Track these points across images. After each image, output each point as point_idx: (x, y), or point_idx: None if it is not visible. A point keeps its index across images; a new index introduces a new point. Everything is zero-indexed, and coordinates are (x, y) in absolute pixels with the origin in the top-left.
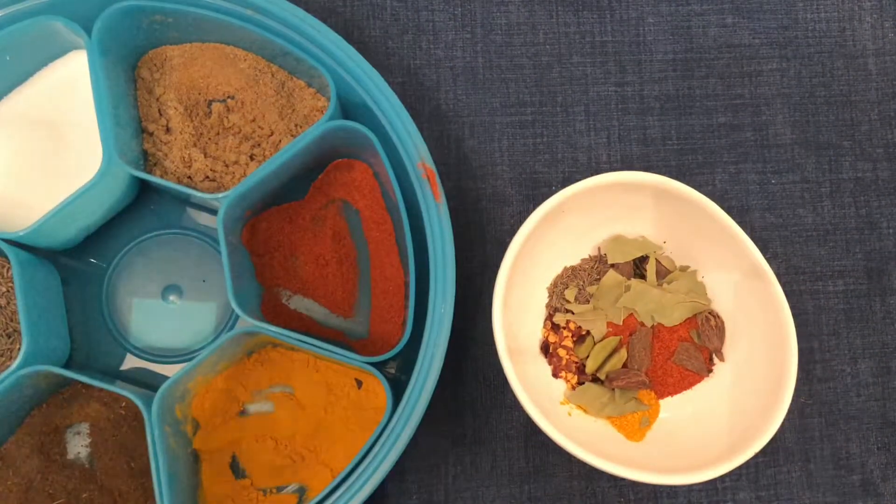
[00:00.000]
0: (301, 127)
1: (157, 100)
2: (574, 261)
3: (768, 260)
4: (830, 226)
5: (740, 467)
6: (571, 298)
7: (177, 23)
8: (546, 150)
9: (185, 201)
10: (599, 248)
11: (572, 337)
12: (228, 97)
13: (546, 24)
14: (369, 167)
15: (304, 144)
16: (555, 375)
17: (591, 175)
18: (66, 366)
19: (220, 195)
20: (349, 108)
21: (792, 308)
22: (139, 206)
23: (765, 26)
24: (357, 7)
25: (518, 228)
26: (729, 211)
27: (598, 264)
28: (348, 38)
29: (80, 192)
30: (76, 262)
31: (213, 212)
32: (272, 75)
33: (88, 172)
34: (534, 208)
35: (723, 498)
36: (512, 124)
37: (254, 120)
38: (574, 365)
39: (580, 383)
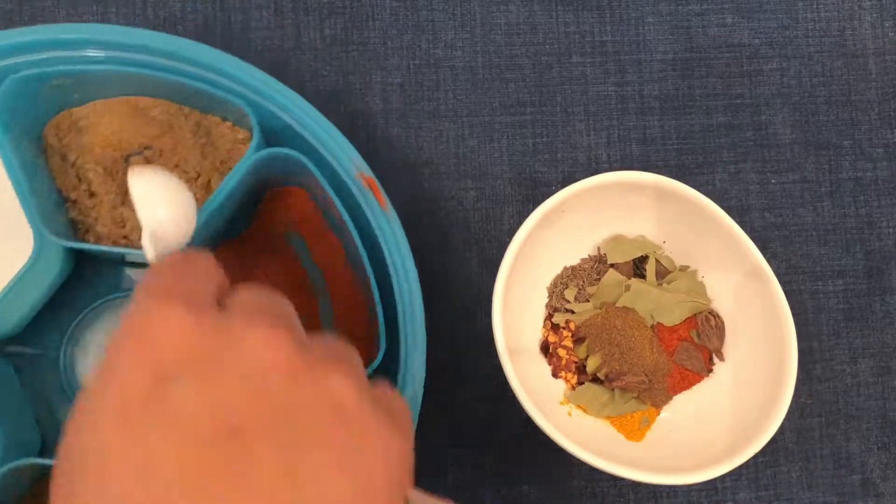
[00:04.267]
0: (226, 163)
1: (73, 165)
2: (574, 261)
3: (768, 260)
4: (830, 226)
5: (740, 467)
6: (571, 298)
7: (77, 84)
8: (546, 150)
9: (123, 263)
10: (599, 248)
11: (572, 337)
12: (145, 148)
13: (546, 23)
14: (305, 190)
15: (236, 181)
16: (555, 375)
17: (591, 175)
18: (41, 454)
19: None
20: (271, 133)
21: (792, 308)
22: (78, 278)
23: (765, 26)
24: (357, 7)
25: (518, 228)
26: (729, 211)
27: (598, 264)
28: (347, 39)
29: (17, 278)
30: (24, 348)
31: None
32: (185, 117)
33: (16, 256)
34: (534, 208)
35: (723, 498)
36: (512, 124)
37: (177, 165)
38: (574, 365)
39: (580, 383)
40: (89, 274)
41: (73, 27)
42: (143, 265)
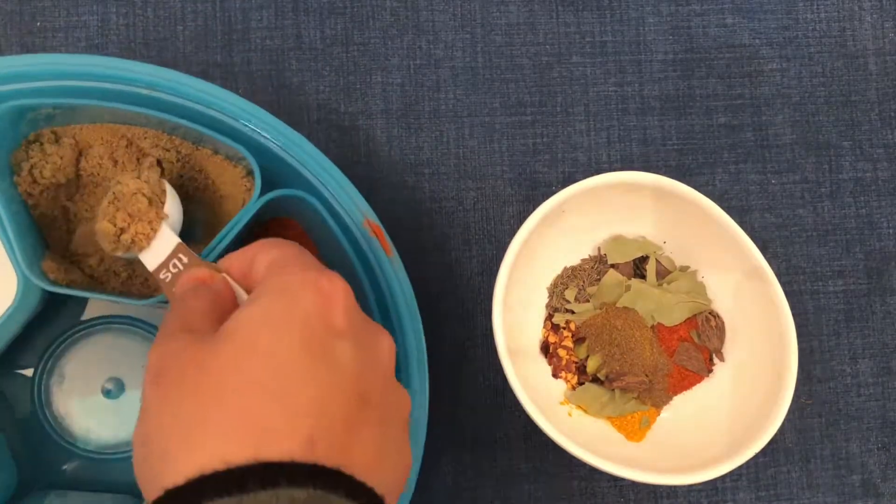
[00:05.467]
0: (223, 199)
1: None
2: (574, 261)
3: (768, 260)
4: (830, 226)
5: (740, 467)
6: (571, 298)
7: (63, 114)
8: (546, 150)
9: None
10: (599, 248)
11: (572, 337)
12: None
13: (546, 24)
14: (298, 223)
15: (245, 222)
16: (555, 375)
17: (591, 175)
18: (18, 490)
19: (153, 300)
20: (270, 170)
21: (792, 308)
22: (55, 304)
23: (765, 26)
24: (357, 7)
25: (518, 228)
26: (729, 211)
27: (598, 264)
28: (347, 39)
29: (3, 319)
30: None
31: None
32: (176, 150)
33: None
34: (534, 208)
35: (723, 498)
36: (512, 124)
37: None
38: (574, 365)
39: (580, 383)
40: (69, 302)
41: (65, 58)
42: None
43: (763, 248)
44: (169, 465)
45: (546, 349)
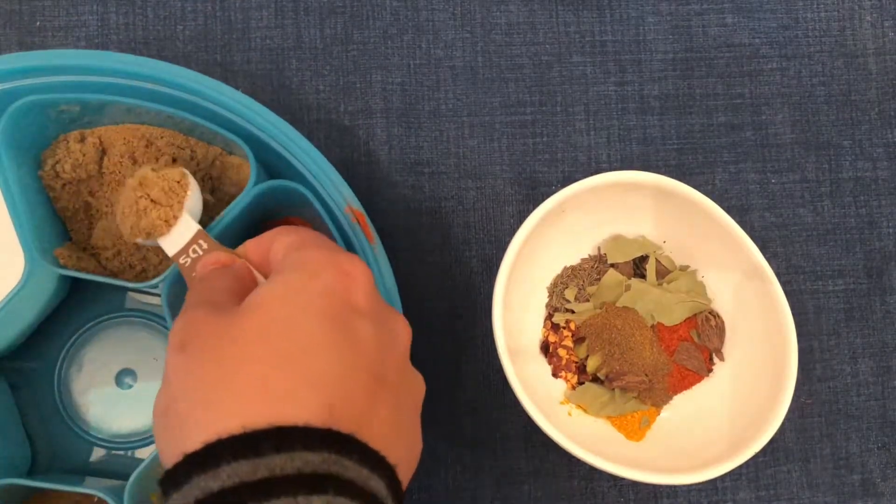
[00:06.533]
0: (231, 194)
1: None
2: (574, 261)
3: (768, 260)
4: (830, 225)
5: (740, 467)
6: (571, 298)
7: (83, 111)
8: (546, 150)
9: (126, 288)
10: (599, 248)
11: (572, 336)
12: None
13: (546, 23)
14: (307, 221)
15: (239, 210)
16: (555, 375)
17: (591, 175)
18: (31, 471)
19: (158, 279)
20: (268, 165)
21: (792, 308)
22: (77, 296)
23: (765, 26)
24: (357, 7)
25: (518, 228)
26: (729, 211)
27: (598, 264)
28: (347, 38)
29: (7, 299)
30: (22, 363)
31: (155, 293)
32: (191, 150)
33: (11, 276)
34: (534, 208)
35: (723, 498)
36: (512, 124)
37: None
38: (574, 365)
39: (580, 383)
40: (90, 294)
41: (63, 54)
42: (140, 291)
43: (763, 248)
44: (191, 429)
45: (546, 349)
